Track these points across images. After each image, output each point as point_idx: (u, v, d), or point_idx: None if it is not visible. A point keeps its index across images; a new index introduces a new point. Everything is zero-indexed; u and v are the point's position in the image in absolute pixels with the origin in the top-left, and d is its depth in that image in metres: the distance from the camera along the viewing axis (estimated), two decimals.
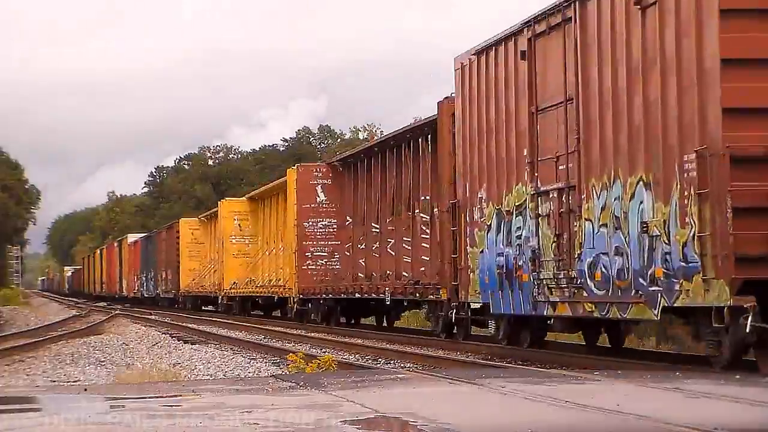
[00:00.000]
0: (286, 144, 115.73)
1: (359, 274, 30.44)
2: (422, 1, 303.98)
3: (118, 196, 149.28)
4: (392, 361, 20.21)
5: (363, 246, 30.42)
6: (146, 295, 67.72)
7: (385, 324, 32.74)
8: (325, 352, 21.48)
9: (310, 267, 32.56)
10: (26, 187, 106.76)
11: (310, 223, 32.52)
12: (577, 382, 12.35)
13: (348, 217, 31.71)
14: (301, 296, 33.27)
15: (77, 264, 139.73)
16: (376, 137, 49.76)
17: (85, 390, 13.14)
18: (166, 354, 23.86)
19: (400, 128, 28.02)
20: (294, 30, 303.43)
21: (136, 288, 72.05)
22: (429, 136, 24.97)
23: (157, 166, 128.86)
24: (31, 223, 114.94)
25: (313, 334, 28.59)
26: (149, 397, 11.40)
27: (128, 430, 8.94)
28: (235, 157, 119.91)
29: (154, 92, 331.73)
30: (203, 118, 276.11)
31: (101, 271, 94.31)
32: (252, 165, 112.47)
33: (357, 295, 29.51)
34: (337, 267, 32.37)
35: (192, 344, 27.11)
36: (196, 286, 53.37)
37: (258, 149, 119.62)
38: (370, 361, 20.52)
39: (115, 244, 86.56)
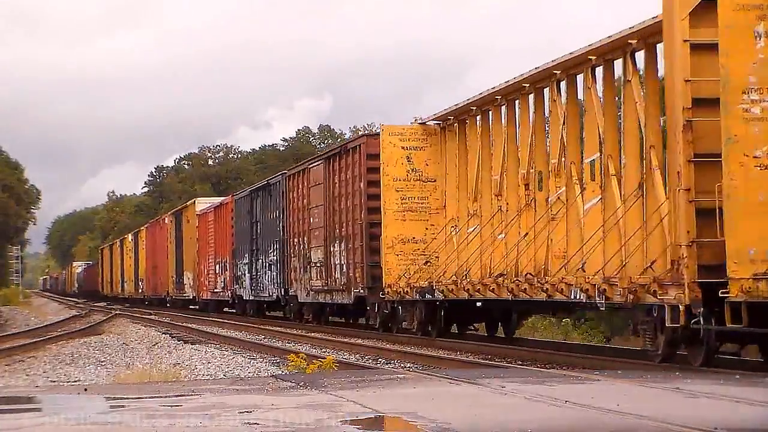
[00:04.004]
0: (286, 144, 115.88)
1: None
2: (428, 1, 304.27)
3: (118, 196, 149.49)
4: (392, 361, 20.21)
5: None
6: (252, 298, 39.67)
7: None
8: (324, 352, 21.49)
9: None
10: (26, 187, 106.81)
11: None
12: (577, 382, 12.35)
13: None
14: None
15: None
16: None
17: (85, 390, 13.14)
18: (166, 354, 23.86)
19: None
20: (299, 30, 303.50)
21: (219, 286, 44.35)
22: None
23: (157, 166, 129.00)
24: (31, 223, 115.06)
25: (312, 333, 28.55)
26: (149, 397, 11.40)
27: (128, 430, 8.95)
28: (235, 156, 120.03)
29: (157, 92, 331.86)
30: (208, 117, 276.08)
31: (135, 264, 68.09)
32: (252, 165, 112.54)
33: None
34: None
35: (192, 344, 27.10)
36: (449, 281, 22.81)
37: (258, 149, 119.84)
38: (370, 361, 20.51)
39: (167, 219, 57.75)
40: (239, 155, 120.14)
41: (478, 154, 22.56)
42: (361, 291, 27.18)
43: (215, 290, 44.97)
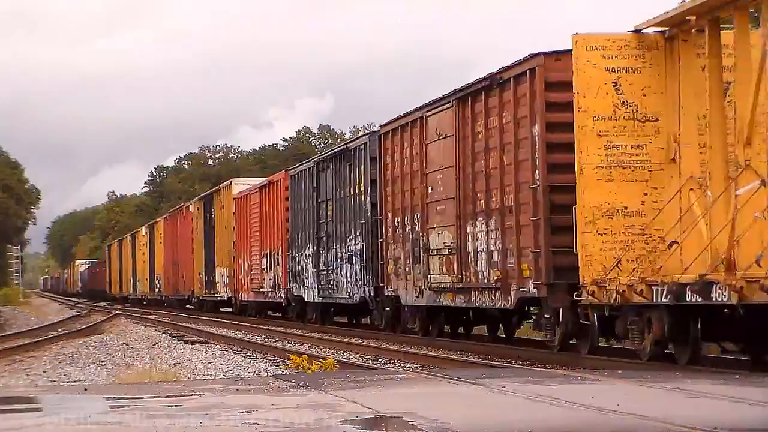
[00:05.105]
0: (286, 144, 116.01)
1: None
2: (431, 2, 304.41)
3: (118, 195, 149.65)
4: (392, 361, 20.19)
5: None
6: (320, 299, 30.69)
7: None
8: (324, 352, 21.49)
9: None
10: (26, 187, 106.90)
11: None
12: (577, 382, 12.35)
13: None
14: None
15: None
16: None
17: (86, 390, 13.14)
18: (166, 354, 23.84)
19: None
20: (300, 30, 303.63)
21: (267, 285, 35.75)
22: None
23: (157, 166, 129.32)
24: (31, 223, 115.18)
25: (312, 333, 28.56)
26: (149, 397, 11.40)
27: (128, 430, 8.95)
28: (236, 156, 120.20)
29: (157, 92, 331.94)
30: (208, 117, 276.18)
31: (150, 260, 60.70)
32: (252, 164, 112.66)
33: None
34: None
35: (192, 344, 27.10)
36: None
37: (258, 149, 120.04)
38: (370, 361, 20.50)
39: (191, 207, 49.25)
40: (239, 155, 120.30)
41: (753, 69, 13.65)
42: (533, 290, 18.03)
43: (261, 290, 36.42)
